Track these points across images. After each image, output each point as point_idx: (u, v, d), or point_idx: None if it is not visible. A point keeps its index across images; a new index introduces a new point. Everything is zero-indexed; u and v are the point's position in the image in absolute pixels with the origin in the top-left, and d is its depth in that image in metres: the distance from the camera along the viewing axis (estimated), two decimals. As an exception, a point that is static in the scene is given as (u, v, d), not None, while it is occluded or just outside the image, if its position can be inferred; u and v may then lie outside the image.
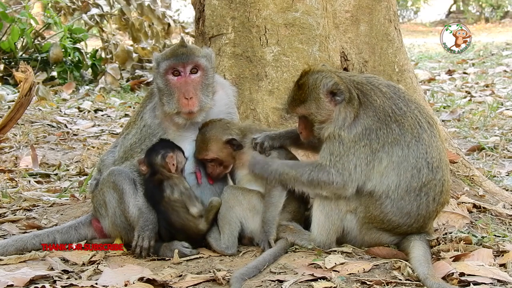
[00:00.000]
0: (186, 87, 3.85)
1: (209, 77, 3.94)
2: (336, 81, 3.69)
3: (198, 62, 3.88)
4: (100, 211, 3.97)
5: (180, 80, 3.87)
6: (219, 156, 3.92)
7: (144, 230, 3.79)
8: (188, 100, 3.83)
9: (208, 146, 3.90)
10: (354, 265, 3.51)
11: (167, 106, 3.89)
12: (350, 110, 3.68)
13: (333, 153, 3.66)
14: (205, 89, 3.92)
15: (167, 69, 3.88)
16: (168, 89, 3.89)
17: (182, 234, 3.84)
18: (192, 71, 3.89)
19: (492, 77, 12.62)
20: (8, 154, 6.87)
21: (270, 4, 4.52)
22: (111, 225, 3.93)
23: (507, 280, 3.32)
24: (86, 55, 12.78)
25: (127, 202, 3.83)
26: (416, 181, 3.64)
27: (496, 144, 6.86)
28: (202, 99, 3.89)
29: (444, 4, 33.94)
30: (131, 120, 4.19)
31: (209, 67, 3.94)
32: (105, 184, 3.90)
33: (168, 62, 3.87)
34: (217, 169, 3.98)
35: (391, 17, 5.02)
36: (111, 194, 3.87)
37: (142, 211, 3.83)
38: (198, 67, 3.89)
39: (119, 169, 3.90)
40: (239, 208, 3.85)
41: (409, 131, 3.66)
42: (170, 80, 3.88)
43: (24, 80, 5.27)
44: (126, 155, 4.00)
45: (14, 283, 3.33)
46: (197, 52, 3.92)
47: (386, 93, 3.74)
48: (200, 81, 3.89)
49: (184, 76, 3.87)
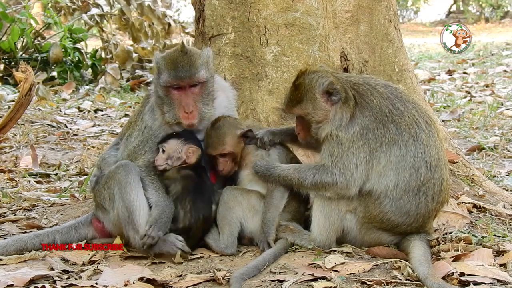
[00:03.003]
0: (187, 100, 3.86)
1: (209, 86, 3.94)
2: (331, 80, 3.69)
3: (198, 76, 3.86)
4: (104, 206, 3.94)
5: (180, 93, 3.88)
6: (234, 151, 3.93)
7: (157, 221, 3.76)
8: (189, 114, 3.85)
9: (224, 140, 3.91)
10: (354, 265, 3.51)
11: (168, 115, 3.90)
12: (346, 110, 3.68)
13: (333, 154, 3.66)
14: (206, 98, 3.92)
15: (167, 81, 3.87)
16: (168, 100, 3.90)
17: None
18: (193, 84, 3.88)
19: (492, 77, 12.61)
20: (8, 154, 6.87)
21: (270, 4, 4.52)
22: (116, 219, 3.87)
23: (507, 280, 3.32)
24: (86, 55, 12.77)
25: (133, 194, 3.80)
26: (415, 180, 3.64)
27: (496, 144, 6.86)
28: (203, 109, 3.90)
29: (444, 4, 33.95)
30: (131, 120, 4.18)
31: (209, 77, 3.93)
32: (111, 176, 3.87)
33: (169, 77, 3.86)
34: (229, 165, 3.97)
35: (391, 17, 5.02)
36: (117, 187, 3.83)
37: (158, 204, 3.81)
38: (199, 81, 3.88)
39: (127, 163, 3.88)
40: (238, 208, 3.85)
41: (407, 131, 3.67)
42: (171, 92, 3.89)
43: (24, 80, 5.27)
44: (130, 158, 3.98)
45: (14, 283, 3.33)
46: (197, 63, 3.87)
47: (383, 93, 3.74)
48: (200, 93, 3.90)
49: (184, 89, 3.88)
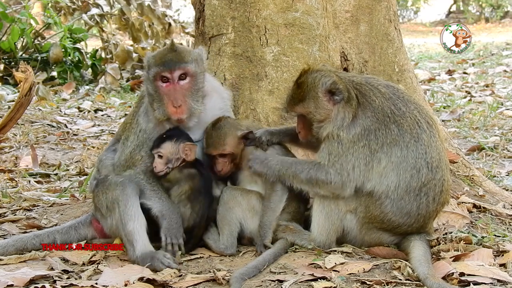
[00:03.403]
0: (175, 94, 3.84)
1: (199, 82, 3.92)
2: (334, 80, 3.69)
3: (186, 68, 3.86)
4: (101, 211, 3.94)
5: (169, 87, 3.86)
6: (234, 151, 3.92)
7: (170, 230, 3.78)
8: (177, 108, 3.83)
9: (225, 140, 3.89)
10: (354, 265, 3.51)
11: (157, 112, 3.88)
12: (348, 110, 3.68)
13: (331, 153, 3.66)
14: (195, 94, 3.90)
15: (156, 75, 3.86)
16: (158, 95, 3.88)
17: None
18: (181, 77, 3.86)
19: (492, 77, 12.61)
20: (8, 154, 6.87)
21: (270, 4, 4.51)
22: (114, 227, 3.88)
23: (507, 280, 3.32)
24: (86, 55, 12.77)
25: (132, 216, 3.78)
26: (416, 181, 3.64)
27: (496, 144, 6.86)
28: (192, 105, 3.87)
29: (444, 4, 33.94)
30: (127, 121, 4.17)
31: (198, 71, 3.91)
32: (110, 189, 3.85)
33: (157, 68, 3.85)
34: (228, 166, 3.96)
35: (391, 17, 5.02)
36: (116, 203, 3.82)
37: (164, 213, 3.81)
38: (187, 73, 3.87)
39: (123, 181, 3.84)
40: (238, 209, 3.85)
41: (408, 132, 3.66)
42: (159, 87, 3.87)
43: (24, 80, 5.27)
44: (127, 163, 3.97)
45: (14, 283, 3.33)
46: (186, 58, 3.88)
47: (385, 93, 3.74)
48: (189, 87, 3.88)
49: (172, 83, 3.86)
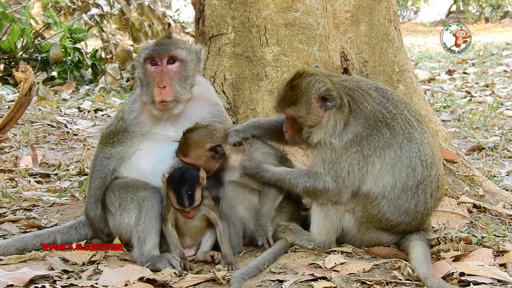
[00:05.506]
0: (161, 76, 3.82)
1: (188, 69, 3.89)
2: (329, 87, 3.67)
3: (175, 52, 3.85)
4: (109, 208, 3.94)
5: (156, 70, 3.85)
6: (196, 163, 3.82)
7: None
8: (161, 89, 3.80)
9: (188, 150, 3.82)
10: (354, 265, 3.51)
11: (144, 95, 3.88)
12: (340, 117, 3.66)
13: (325, 161, 3.65)
14: (182, 80, 3.87)
15: (146, 58, 3.87)
16: (146, 79, 3.88)
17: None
18: (170, 61, 3.85)
19: (492, 77, 12.61)
20: (8, 154, 6.87)
21: (270, 4, 4.51)
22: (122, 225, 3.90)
23: (507, 280, 3.32)
24: (86, 55, 12.75)
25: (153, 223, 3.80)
26: (412, 179, 3.66)
27: (496, 144, 6.86)
28: (178, 89, 3.84)
29: (444, 4, 33.97)
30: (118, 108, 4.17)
31: (188, 59, 3.89)
32: (132, 191, 3.87)
33: (147, 51, 3.88)
34: None
35: (391, 17, 5.02)
36: (132, 213, 3.84)
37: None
38: (176, 58, 3.85)
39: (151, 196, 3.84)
40: (241, 207, 3.85)
41: (400, 133, 3.68)
42: (148, 69, 3.87)
43: (24, 80, 5.26)
44: (102, 140, 4.01)
45: (14, 283, 3.33)
46: (178, 44, 3.89)
47: (376, 98, 3.73)
48: (177, 72, 3.85)
49: (160, 65, 3.85)
